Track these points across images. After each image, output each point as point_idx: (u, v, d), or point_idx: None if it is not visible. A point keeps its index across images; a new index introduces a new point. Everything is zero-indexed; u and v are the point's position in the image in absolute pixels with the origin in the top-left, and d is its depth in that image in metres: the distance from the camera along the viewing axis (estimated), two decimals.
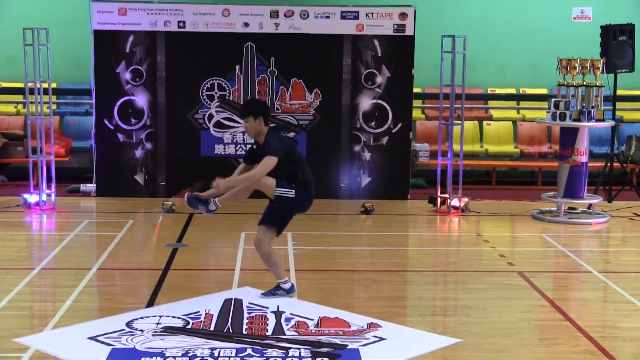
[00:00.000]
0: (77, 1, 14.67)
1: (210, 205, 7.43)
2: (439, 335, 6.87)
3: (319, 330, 6.87)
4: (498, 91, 15.75)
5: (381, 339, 6.73)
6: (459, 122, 12.03)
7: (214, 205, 7.44)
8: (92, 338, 6.60)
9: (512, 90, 15.87)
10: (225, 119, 12.54)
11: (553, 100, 11.48)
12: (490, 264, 9.21)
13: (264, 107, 7.58)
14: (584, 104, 11.36)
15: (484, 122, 15.17)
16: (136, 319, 7.03)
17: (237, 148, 12.59)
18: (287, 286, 7.65)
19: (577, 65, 11.29)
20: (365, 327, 6.97)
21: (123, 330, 6.78)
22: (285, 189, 7.35)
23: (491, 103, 15.77)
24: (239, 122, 12.54)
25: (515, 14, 15.98)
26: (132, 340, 6.56)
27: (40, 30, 11.67)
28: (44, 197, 11.63)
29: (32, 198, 11.60)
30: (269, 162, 7.25)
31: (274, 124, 12.60)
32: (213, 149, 12.55)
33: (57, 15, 15.14)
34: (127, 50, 12.44)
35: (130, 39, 12.43)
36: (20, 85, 13.15)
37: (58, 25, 14.10)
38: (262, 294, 7.69)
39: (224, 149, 12.57)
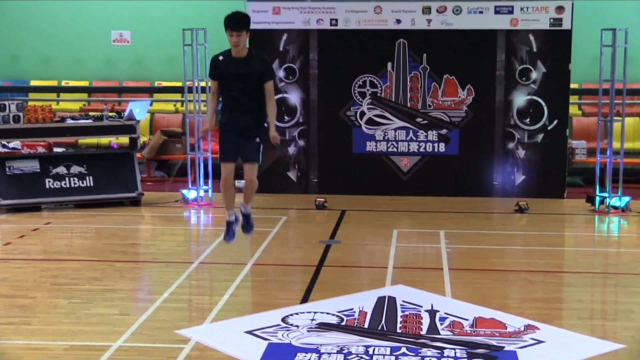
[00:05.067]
0: (234, 2, 15.00)
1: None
2: (600, 339, 6.62)
3: (474, 331, 6.75)
4: None
5: (539, 341, 6.54)
6: (619, 118, 11.57)
7: None
8: (249, 332, 6.73)
9: None
10: (377, 116, 12.54)
11: None
12: None
13: None
14: None
15: None
16: (291, 315, 7.12)
17: (388, 145, 12.57)
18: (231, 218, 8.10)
19: None
20: (522, 328, 6.80)
21: (279, 325, 6.88)
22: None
23: None
24: (390, 119, 12.53)
25: None
26: (287, 335, 6.65)
27: (198, 31, 12.02)
28: (202, 193, 11.98)
29: (190, 194, 11.97)
30: (272, 86, 7.70)
31: (426, 121, 12.54)
32: (365, 146, 12.57)
33: (215, 15, 15.46)
34: (281, 49, 12.65)
35: (284, 37, 12.63)
36: (179, 84, 13.58)
37: (215, 26, 14.42)
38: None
39: (376, 146, 12.57)
